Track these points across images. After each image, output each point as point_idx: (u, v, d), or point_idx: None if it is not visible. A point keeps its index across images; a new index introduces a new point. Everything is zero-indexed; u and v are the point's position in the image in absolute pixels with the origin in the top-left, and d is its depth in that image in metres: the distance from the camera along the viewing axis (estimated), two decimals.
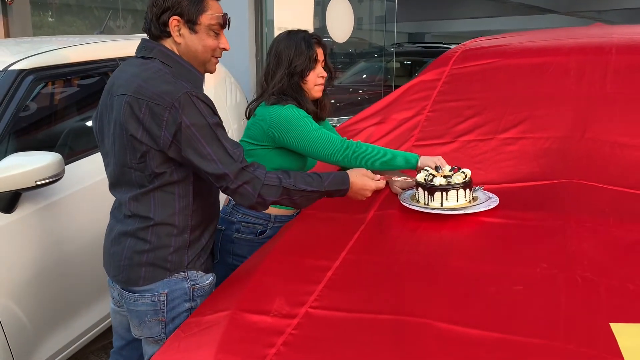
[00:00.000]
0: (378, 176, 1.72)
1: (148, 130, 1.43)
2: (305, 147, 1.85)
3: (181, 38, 1.52)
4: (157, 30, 1.52)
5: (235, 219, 1.97)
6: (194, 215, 1.56)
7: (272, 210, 1.94)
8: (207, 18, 1.52)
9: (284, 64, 1.90)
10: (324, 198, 1.66)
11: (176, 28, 1.51)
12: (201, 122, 1.43)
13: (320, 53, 1.93)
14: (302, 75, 1.90)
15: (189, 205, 1.54)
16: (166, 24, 1.50)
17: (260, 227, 1.97)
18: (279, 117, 1.85)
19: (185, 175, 1.51)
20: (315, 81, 1.92)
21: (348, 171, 1.69)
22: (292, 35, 1.94)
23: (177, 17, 1.50)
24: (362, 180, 1.67)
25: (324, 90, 2.00)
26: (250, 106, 2.01)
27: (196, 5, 1.50)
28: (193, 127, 1.42)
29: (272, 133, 1.87)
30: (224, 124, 1.53)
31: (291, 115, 1.84)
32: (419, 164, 1.87)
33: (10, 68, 2.33)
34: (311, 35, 1.94)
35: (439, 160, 1.85)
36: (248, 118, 2.01)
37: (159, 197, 1.50)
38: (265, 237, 1.96)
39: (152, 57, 1.51)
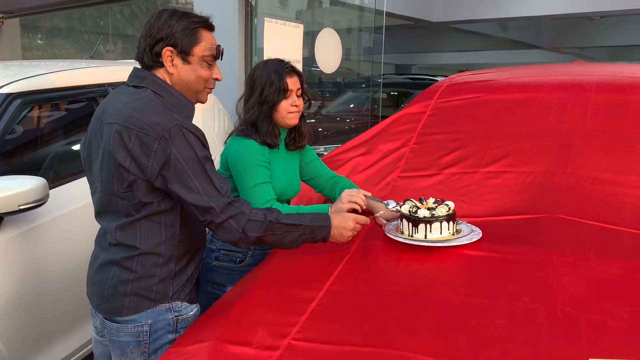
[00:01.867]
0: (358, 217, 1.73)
1: (136, 160, 1.43)
2: (242, 194, 1.86)
3: (174, 68, 1.53)
4: (150, 61, 1.53)
5: (215, 247, 1.96)
6: (180, 245, 1.55)
7: None
8: (200, 49, 1.54)
9: (256, 93, 1.91)
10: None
11: (169, 58, 1.52)
12: (190, 155, 1.43)
13: (292, 82, 1.91)
14: (273, 105, 1.90)
15: (176, 235, 1.54)
16: (159, 55, 1.52)
17: (240, 255, 1.96)
18: (235, 154, 1.87)
19: (172, 204, 1.51)
20: (288, 109, 1.91)
21: (333, 211, 1.74)
22: (267, 64, 1.95)
23: (170, 48, 1.51)
24: (341, 215, 1.67)
25: (302, 118, 2.00)
26: (228, 136, 2.02)
27: (190, 36, 1.52)
28: (182, 159, 1.42)
29: (230, 165, 1.89)
30: (211, 150, 1.54)
31: (244, 158, 1.83)
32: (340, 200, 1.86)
33: None
34: (284, 65, 1.93)
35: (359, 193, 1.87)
36: None
37: (146, 226, 1.50)
38: (244, 265, 1.95)
39: (143, 87, 1.52)
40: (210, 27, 1.58)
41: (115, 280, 1.52)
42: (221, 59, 1.62)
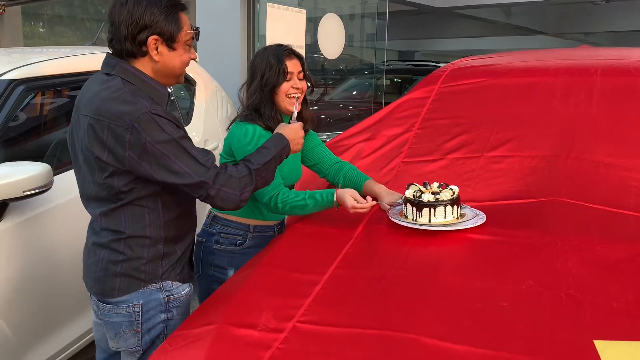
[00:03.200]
0: (291, 122, 1.82)
1: (112, 152, 1.42)
2: None
3: (159, 56, 1.50)
4: (133, 49, 1.48)
5: (215, 230, 1.97)
6: (165, 227, 1.55)
7: (251, 221, 1.95)
8: (183, 35, 1.52)
9: (257, 78, 1.92)
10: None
11: (154, 47, 1.49)
12: (166, 138, 1.41)
13: (292, 65, 1.91)
14: (273, 88, 1.91)
15: (160, 217, 1.53)
16: (143, 43, 1.47)
17: (240, 237, 1.97)
18: (238, 138, 1.88)
19: (154, 189, 1.50)
20: (287, 92, 1.91)
21: (277, 130, 1.75)
22: (266, 49, 1.96)
23: (155, 37, 1.47)
24: (290, 128, 1.74)
25: (304, 103, 1.99)
26: (232, 122, 2.02)
27: (173, 23, 1.49)
28: (158, 144, 1.40)
29: (234, 151, 1.89)
30: (214, 136, 1.53)
31: (249, 144, 1.82)
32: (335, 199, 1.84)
33: (1, 78, 2.33)
34: (283, 48, 1.94)
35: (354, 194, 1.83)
36: None
37: (129, 211, 1.50)
38: (245, 248, 1.96)
39: (114, 75, 1.49)
40: (185, 8, 1.56)
41: (105, 262, 1.53)
42: (198, 40, 1.60)
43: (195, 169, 1.44)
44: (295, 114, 1.88)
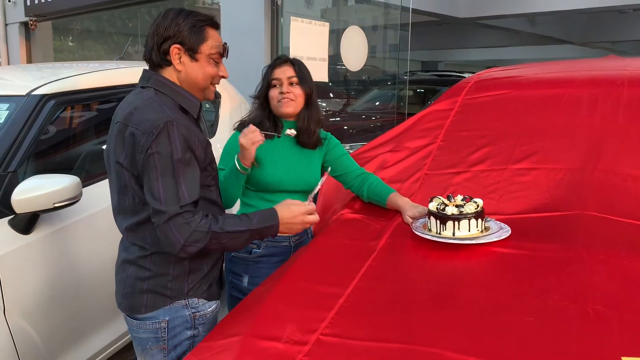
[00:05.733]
0: (307, 202, 1.66)
1: (128, 155, 1.46)
2: None
3: (182, 65, 1.55)
4: (158, 58, 1.54)
5: None
6: None
7: None
8: (207, 47, 1.55)
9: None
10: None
11: (177, 56, 1.53)
12: (166, 153, 1.42)
13: (281, 72, 2.00)
14: (266, 97, 2.03)
15: None
16: (167, 52, 1.53)
17: (254, 246, 2.03)
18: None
19: None
20: (276, 97, 2.01)
21: (275, 206, 1.62)
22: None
23: (177, 46, 1.52)
24: (290, 210, 1.60)
25: (306, 114, 2.03)
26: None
27: (197, 34, 1.53)
28: (156, 154, 1.42)
29: None
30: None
31: (225, 147, 2.04)
32: None
33: (33, 93, 2.40)
34: (278, 58, 2.07)
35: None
36: None
37: (151, 228, 1.50)
38: (258, 257, 2.02)
39: (148, 87, 1.54)
40: (216, 26, 1.60)
41: (132, 279, 1.56)
42: (227, 57, 1.63)
43: (167, 196, 1.42)
44: (317, 189, 1.79)
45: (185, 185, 1.45)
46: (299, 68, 2.03)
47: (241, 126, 2.02)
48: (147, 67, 1.60)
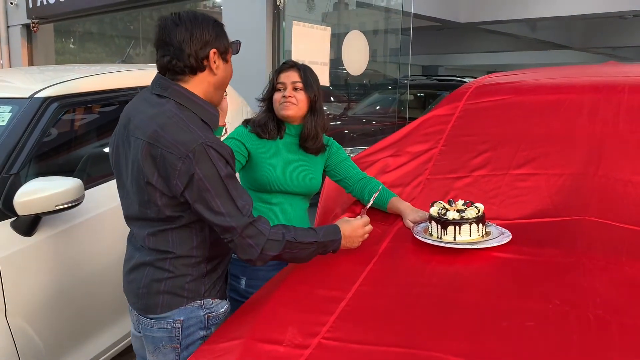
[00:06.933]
0: (360, 216, 1.75)
1: (163, 178, 1.45)
2: None
3: (218, 69, 1.56)
4: (196, 64, 1.52)
5: None
6: (211, 248, 1.58)
7: None
8: (231, 48, 1.61)
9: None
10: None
11: (214, 60, 1.54)
12: (212, 174, 1.43)
13: (285, 76, 2.05)
14: (271, 100, 2.08)
15: (207, 239, 1.56)
16: (206, 57, 1.53)
17: None
18: None
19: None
20: (279, 100, 2.04)
21: (339, 223, 1.71)
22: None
23: (214, 50, 1.54)
24: (350, 224, 1.69)
25: (310, 118, 2.05)
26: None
27: (224, 37, 1.58)
28: (205, 179, 1.42)
29: None
30: None
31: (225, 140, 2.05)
32: None
33: (35, 95, 2.41)
34: (285, 63, 2.13)
35: None
36: None
37: (177, 234, 1.52)
38: None
39: (166, 97, 1.52)
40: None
41: (148, 280, 1.56)
42: (237, 53, 1.68)
43: (231, 211, 1.45)
44: (364, 211, 1.81)
45: (240, 196, 1.48)
46: (305, 74, 2.06)
47: (247, 123, 2.10)
48: (144, 71, 1.60)
